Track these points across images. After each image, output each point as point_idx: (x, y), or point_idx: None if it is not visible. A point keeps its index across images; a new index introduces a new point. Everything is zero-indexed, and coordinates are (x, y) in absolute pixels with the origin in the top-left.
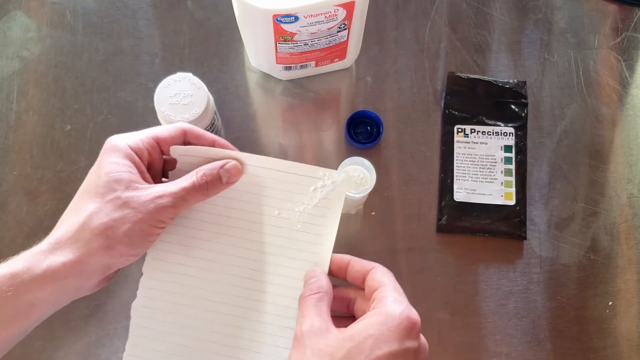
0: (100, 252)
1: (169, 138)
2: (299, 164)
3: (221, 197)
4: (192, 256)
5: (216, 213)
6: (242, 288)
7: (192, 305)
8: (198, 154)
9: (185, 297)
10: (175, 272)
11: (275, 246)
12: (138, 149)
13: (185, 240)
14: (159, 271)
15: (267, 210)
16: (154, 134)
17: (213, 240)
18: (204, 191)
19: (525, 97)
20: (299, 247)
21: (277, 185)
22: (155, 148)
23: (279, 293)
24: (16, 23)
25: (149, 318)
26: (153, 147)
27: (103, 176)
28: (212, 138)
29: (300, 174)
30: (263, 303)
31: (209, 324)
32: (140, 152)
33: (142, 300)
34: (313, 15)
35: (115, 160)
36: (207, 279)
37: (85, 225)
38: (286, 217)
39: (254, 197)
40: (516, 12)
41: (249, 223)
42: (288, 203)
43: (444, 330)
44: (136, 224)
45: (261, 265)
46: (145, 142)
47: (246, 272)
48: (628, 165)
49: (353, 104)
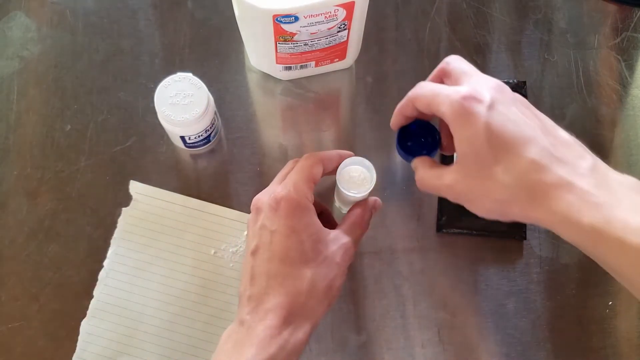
0: (325, 313)
1: (319, 174)
2: (234, 212)
3: (169, 234)
4: (139, 276)
5: (167, 242)
6: (177, 307)
7: (135, 317)
8: (154, 195)
9: (131, 310)
10: (123, 290)
11: (209, 280)
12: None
13: (136, 263)
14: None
15: (205, 249)
16: (312, 177)
17: (156, 264)
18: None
19: (525, 97)
20: (228, 282)
21: (216, 228)
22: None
23: (207, 322)
24: (16, 23)
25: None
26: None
27: (306, 241)
28: (337, 153)
29: (233, 219)
30: (192, 329)
31: (150, 337)
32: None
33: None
34: (313, 16)
35: (307, 222)
36: (148, 296)
37: (310, 293)
38: (220, 256)
39: (196, 237)
40: (516, 12)
41: (188, 259)
42: (223, 244)
43: (444, 330)
44: (343, 275)
45: (195, 296)
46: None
47: (180, 294)
48: (628, 165)
49: (353, 104)
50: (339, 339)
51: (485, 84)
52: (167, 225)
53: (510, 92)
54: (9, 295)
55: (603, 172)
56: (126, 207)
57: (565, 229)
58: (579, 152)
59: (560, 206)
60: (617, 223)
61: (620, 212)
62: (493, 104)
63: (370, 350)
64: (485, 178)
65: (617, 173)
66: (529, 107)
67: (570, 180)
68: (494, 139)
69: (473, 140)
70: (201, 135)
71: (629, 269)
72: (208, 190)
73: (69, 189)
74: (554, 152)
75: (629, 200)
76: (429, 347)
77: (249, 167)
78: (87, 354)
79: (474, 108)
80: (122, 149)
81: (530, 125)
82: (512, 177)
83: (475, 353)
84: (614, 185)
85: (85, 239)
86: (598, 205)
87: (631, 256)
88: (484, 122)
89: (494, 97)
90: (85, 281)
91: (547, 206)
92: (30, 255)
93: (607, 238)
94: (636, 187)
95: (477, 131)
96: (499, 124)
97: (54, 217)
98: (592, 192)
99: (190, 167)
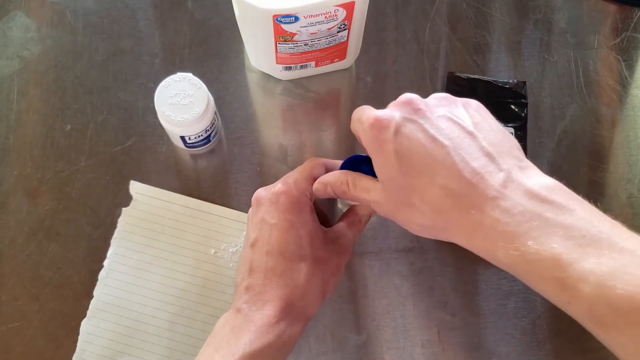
0: (320, 304)
1: (320, 175)
2: (234, 212)
3: (169, 234)
4: (139, 276)
5: (167, 242)
6: (177, 307)
7: (136, 317)
8: (154, 195)
9: (131, 310)
10: (123, 290)
11: (209, 280)
12: (309, 193)
13: (136, 263)
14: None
15: (205, 249)
16: (312, 176)
17: (156, 264)
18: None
19: (525, 97)
20: (228, 282)
21: (216, 228)
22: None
23: (207, 321)
24: (16, 23)
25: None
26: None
27: (304, 237)
28: (332, 162)
29: (233, 219)
30: (192, 329)
31: (150, 336)
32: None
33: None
34: (313, 16)
35: (306, 219)
36: (148, 296)
37: (307, 287)
38: (220, 256)
39: (196, 237)
40: (516, 12)
41: (188, 259)
42: (223, 244)
43: (444, 330)
44: (339, 273)
45: (195, 296)
46: (310, 183)
47: (180, 294)
48: (628, 165)
49: (353, 104)
50: (339, 339)
51: (396, 103)
52: (167, 225)
53: (418, 101)
54: (9, 295)
55: (515, 186)
56: (126, 207)
57: (487, 258)
58: (492, 161)
59: (476, 238)
60: (529, 256)
61: (533, 241)
62: (399, 128)
63: (370, 350)
64: (406, 205)
65: (533, 177)
66: (451, 104)
67: (480, 208)
68: (404, 167)
69: (387, 170)
70: (201, 135)
71: (554, 299)
72: (208, 190)
73: (69, 189)
74: (462, 172)
75: (541, 221)
76: (429, 347)
77: (249, 167)
78: (87, 354)
79: (381, 135)
80: (122, 149)
81: (440, 142)
82: (428, 206)
83: (475, 353)
84: (525, 202)
85: (85, 239)
86: (509, 235)
87: (547, 287)
88: (392, 150)
89: (403, 117)
90: (85, 281)
91: (465, 237)
92: (30, 255)
93: (524, 270)
94: (550, 196)
95: (387, 160)
96: (406, 151)
97: (54, 217)
98: (501, 220)
99: (190, 167)
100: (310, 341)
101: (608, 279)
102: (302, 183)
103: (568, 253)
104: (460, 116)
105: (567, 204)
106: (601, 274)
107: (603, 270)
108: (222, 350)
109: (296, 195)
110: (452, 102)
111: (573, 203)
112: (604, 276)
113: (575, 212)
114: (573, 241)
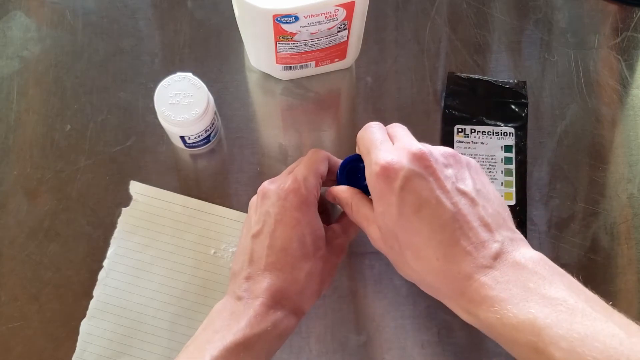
0: (315, 301)
1: (325, 172)
2: (234, 212)
3: (169, 234)
4: (139, 277)
5: (167, 242)
6: (177, 307)
7: (135, 317)
8: (154, 195)
9: (130, 310)
10: (123, 290)
11: (209, 280)
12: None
13: (135, 264)
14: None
15: (205, 249)
16: (320, 173)
17: (156, 264)
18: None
19: (525, 97)
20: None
21: (215, 228)
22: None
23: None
24: (16, 23)
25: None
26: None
27: (307, 236)
28: (334, 159)
29: (233, 219)
30: (192, 329)
31: (149, 336)
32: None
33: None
34: (313, 16)
35: (311, 218)
36: (148, 296)
37: (306, 284)
38: (221, 256)
39: (196, 237)
40: (516, 12)
41: (188, 259)
42: (223, 244)
43: (444, 330)
44: (334, 271)
45: (195, 296)
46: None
47: (180, 294)
48: (628, 165)
49: (353, 104)
50: (339, 339)
51: (407, 152)
52: (167, 226)
53: (430, 157)
54: (9, 295)
55: (505, 257)
56: (126, 207)
57: (469, 321)
58: (488, 232)
59: (462, 301)
60: (507, 319)
61: (512, 306)
62: (407, 181)
63: (370, 350)
64: (399, 254)
65: (523, 251)
66: (458, 165)
67: (470, 274)
68: (403, 221)
69: (385, 218)
70: (201, 135)
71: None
72: (208, 190)
73: (69, 189)
74: (460, 239)
75: (524, 290)
76: (429, 347)
77: (249, 167)
78: (87, 354)
79: (387, 184)
80: (122, 149)
81: (444, 206)
82: (419, 265)
83: (475, 353)
84: (511, 272)
85: (85, 239)
86: (491, 299)
87: (522, 351)
88: (394, 204)
89: (412, 170)
90: (85, 281)
91: (452, 299)
92: (30, 255)
93: (502, 333)
94: (536, 269)
95: (388, 210)
96: (408, 208)
97: (54, 217)
98: (488, 285)
99: (190, 167)
100: (310, 341)
101: (578, 345)
102: (311, 181)
103: (543, 318)
104: (465, 181)
105: (550, 277)
106: (572, 340)
107: (574, 337)
108: (223, 331)
109: (305, 195)
110: (458, 163)
111: (555, 277)
112: (574, 342)
113: (555, 284)
114: (550, 309)
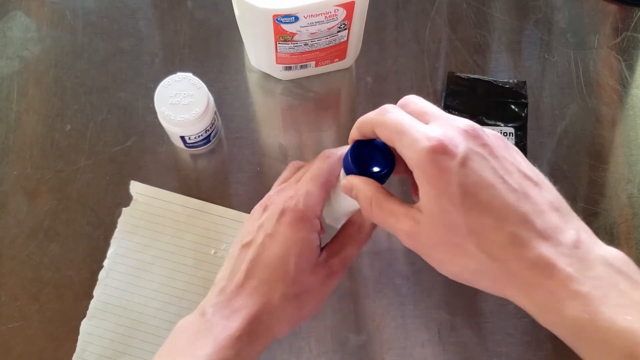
0: (292, 328)
1: (335, 180)
2: (234, 212)
3: (169, 234)
4: (139, 277)
5: (167, 242)
6: (177, 307)
7: (135, 317)
8: (154, 195)
9: (130, 310)
10: (123, 290)
11: (209, 280)
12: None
13: (136, 264)
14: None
15: (205, 249)
16: (329, 185)
17: (157, 264)
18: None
19: (525, 97)
20: None
21: (216, 228)
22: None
23: None
24: (16, 23)
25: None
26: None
27: (292, 256)
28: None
29: (233, 219)
30: None
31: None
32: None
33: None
34: (313, 15)
35: (302, 237)
36: (148, 296)
37: (280, 307)
38: (221, 256)
39: (196, 237)
40: (516, 12)
41: (188, 259)
42: (223, 244)
43: (444, 330)
44: (318, 301)
45: (195, 296)
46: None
47: (180, 294)
48: (628, 165)
49: (353, 104)
50: (339, 339)
51: (457, 128)
52: (167, 225)
53: (484, 135)
54: (9, 295)
55: (587, 249)
56: (126, 207)
57: (544, 316)
58: (561, 217)
59: (539, 292)
60: (602, 322)
61: (607, 309)
62: (465, 159)
63: (370, 350)
64: (454, 244)
65: (602, 246)
66: (507, 149)
67: (551, 261)
68: (467, 202)
69: (442, 203)
70: (201, 135)
71: None
72: (208, 190)
73: (69, 189)
74: (534, 221)
75: (616, 291)
76: (429, 347)
77: (249, 167)
78: (87, 354)
79: (444, 164)
80: (122, 149)
81: (511, 186)
82: (486, 251)
83: (475, 353)
84: (599, 267)
85: (85, 239)
86: (582, 296)
87: (615, 358)
88: (456, 183)
89: (468, 147)
90: (85, 281)
91: (523, 289)
92: (30, 255)
93: (591, 336)
94: (623, 268)
95: (447, 193)
96: (472, 187)
97: (54, 217)
98: (575, 278)
99: (190, 167)
100: (310, 341)
101: None
102: (313, 197)
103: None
104: (521, 164)
105: (638, 279)
106: None
107: None
108: (185, 356)
109: (302, 211)
110: (508, 146)
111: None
112: None
113: None
114: None
